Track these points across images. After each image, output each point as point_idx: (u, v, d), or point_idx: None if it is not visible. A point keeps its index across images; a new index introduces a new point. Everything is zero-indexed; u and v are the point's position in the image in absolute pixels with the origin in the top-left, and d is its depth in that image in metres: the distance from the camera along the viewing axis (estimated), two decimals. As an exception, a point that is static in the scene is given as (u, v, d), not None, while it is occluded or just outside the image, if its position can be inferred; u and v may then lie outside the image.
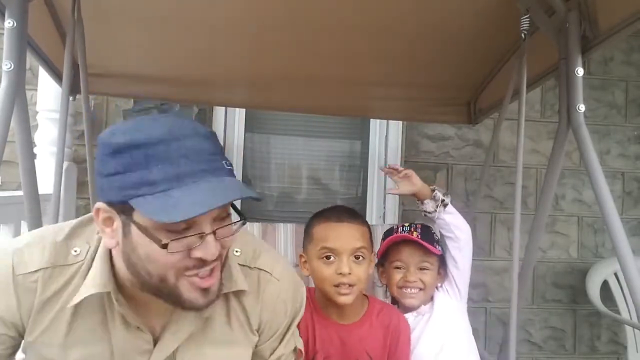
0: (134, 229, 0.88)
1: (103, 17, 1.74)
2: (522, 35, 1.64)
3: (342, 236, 1.43)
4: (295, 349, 1.20)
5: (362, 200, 3.11)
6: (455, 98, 2.42)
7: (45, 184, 2.31)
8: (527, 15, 1.59)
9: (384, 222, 2.94)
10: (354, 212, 1.51)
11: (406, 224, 1.67)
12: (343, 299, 1.41)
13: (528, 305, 3.09)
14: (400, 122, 3.01)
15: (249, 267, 1.12)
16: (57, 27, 1.80)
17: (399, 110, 2.54)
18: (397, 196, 3.00)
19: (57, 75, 1.97)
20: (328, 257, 1.43)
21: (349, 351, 1.48)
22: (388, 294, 1.73)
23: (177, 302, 0.95)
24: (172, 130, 0.87)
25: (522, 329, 3.09)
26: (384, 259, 1.67)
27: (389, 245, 1.64)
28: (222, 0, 1.67)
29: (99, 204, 0.91)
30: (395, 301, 1.70)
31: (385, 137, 3.08)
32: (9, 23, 1.32)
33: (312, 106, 2.42)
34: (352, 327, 1.48)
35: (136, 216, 0.87)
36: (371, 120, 3.09)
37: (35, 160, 1.69)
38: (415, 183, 1.66)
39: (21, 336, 1.02)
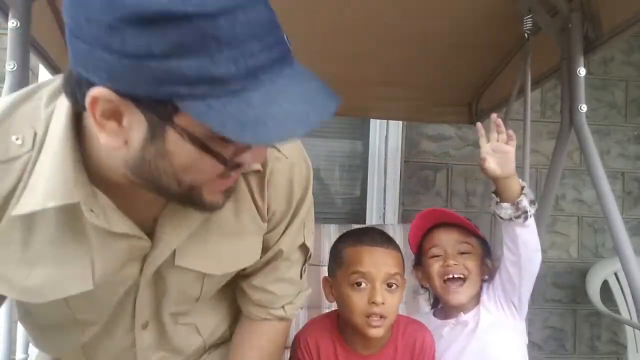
0: (172, 135, 0.65)
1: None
2: (526, 35, 1.64)
3: (377, 261, 1.28)
4: (303, 246, 1.06)
5: (362, 200, 3.11)
6: (456, 98, 2.42)
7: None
8: (530, 16, 1.60)
9: (384, 223, 2.95)
10: (388, 236, 1.37)
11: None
12: (374, 332, 1.26)
13: (528, 305, 3.09)
14: (400, 122, 3.01)
15: None
16: (60, 27, 1.80)
17: (399, 110, 2.54)
18: (398, 196, 3.01)
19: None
20: (359, 284, 1.27)
21: None
22: (430, 300, 1.57)
23: (193, 204, 0.76)
24: None
25: (522, 329, 3.09)
26: (420, 256, 1.49)
27: (422, 234, 1.46)
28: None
29: (99, 91, 0.62)
30: (436, 304, 1.54)
31: (385, 137, 3.07)
32: (12, 23, 1.32)
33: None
34: (378, 358, 1.34)
35: (181, 119, 0.63)
36: (371, 120, 3.09)
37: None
38: (507, 165, 1.27)
39: None
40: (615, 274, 2.90)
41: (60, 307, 0.86)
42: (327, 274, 1.40)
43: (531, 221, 1.30)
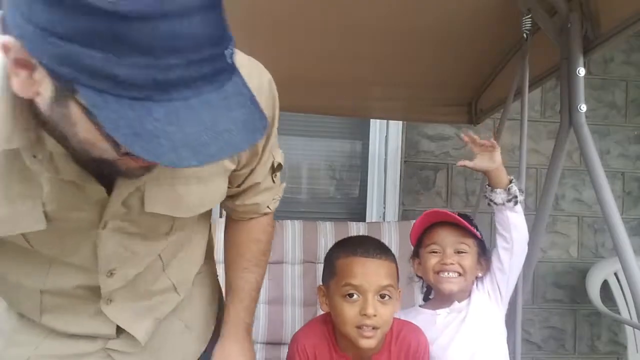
0: (74, 107, 0.61)
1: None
2: (524, 35, 1.64)
3: (369, 272, 1.28)
4: (277, 165, 1.08)
5: (362, 200, 3.11)
6: (456, 98, 2.42)
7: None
8: (529, 16, 1.60)
9: (384, 222, 2.94)
10: (382, 246, 1.37)
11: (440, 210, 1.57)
12: (365, 343, 1.27)
13: (528, 305, 3.09)
14: (400, 122, 3.01)
15: None
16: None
17: (399, 111, 2.54)
18: (398, 196, 3.01)
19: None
20: (351, 295, 1.27)
21: None
22: (423, 289, 1.65)
23: (110, 171, 0.73)
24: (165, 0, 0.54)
25: (522, 329, 3.07)
26: (418, 247, 1.57)
27: (424, 228, 1.55)
28: (224, 2, 1.67)
29: (11, 41, 0.59)
30: (429, 293, 1.62)
31: (385, 137, 3.07)
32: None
33: (312, 106, 2.42)
34: None
35: (82, 99, 0.59)
36: (371, 120, 3.09)
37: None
38: (495, 160, 1.49)
39: None
40: (615, 274, 2.90)
41: (20, 243, 0.84)
42: (321, 280, 1.41)
43: (519, 208, 1.48)
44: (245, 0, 1.66)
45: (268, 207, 1.16)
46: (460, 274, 1.48)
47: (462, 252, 1.49)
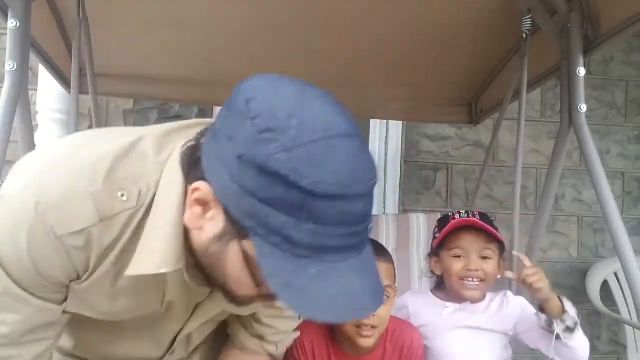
0: (234, 247, 0.73)
1: (103, 17, 1.74)
2: (524, 35, 1.64)
3: None
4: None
5: (362, 200, 3.10)
6: (456, 98, 2.42)
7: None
8: (529, 16, 1.60)
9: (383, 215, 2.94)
10: (379, 247, 1.38)
11: (463, 211, 1.56)
12: (364, 342, 1.32)
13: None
14: (400, 122, 3.01)
15: None
16: (59, 27, 1.80)
17: (399, 111, 2.54)
18: (398, 196, 3.01)
19: (59, 75, 1.97)
20: None
21: None
22: (425, 282, 1.66)
23: (230, 299, 0.85)
24: (349, 185, 0.66)
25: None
26: (440, 248, 1.55)
27: (449, 232, 1.52)
28: (223, 1, 1.67)
29: (204, 186, 0.72)
30: (439, 286, 1.61)
31: (385, 137, 3.07)
32: (12, 23, 1.31)
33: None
34: (367, 359, 1.40)
35: (247, 243, 0.70)
36: (371, 120, 3.09)
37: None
38: (540, 290, 1.39)
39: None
40: (615, 274, 2.90)
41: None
42: None
43: (580, 332, 1.39)
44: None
45: (277, 345, 1.17)
46: (482, 280, 1.49)
47: (486, 258, 1.49)
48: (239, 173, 0.66)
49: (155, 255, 0.79)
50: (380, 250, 1.36)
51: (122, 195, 0.78)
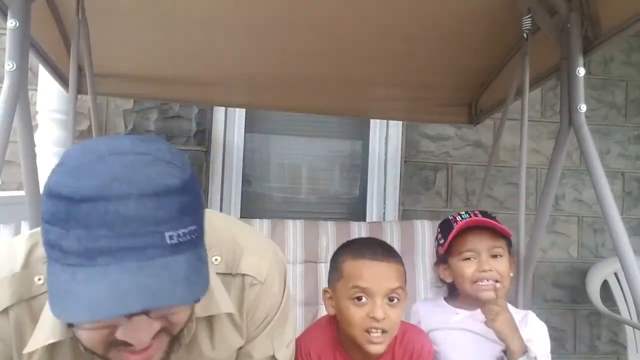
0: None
1: (103, 17, 1.74)
2: (524, 35, 1.64)
3: (378, 276, 1.26)
4: (272, 358, 1.08)
5: (362, 200, 3.11)
6: (456, 98, 2.42)
7: (46, 184, 2.31)
8: (529, 16, 1.60)
9: (384, 220, 2.93)
10: (389, 248, 1.36)
11: (463, 212, 1.51)
12: (374, 348, 1.25)
13: (528, 306, 3.09)
14: (400, 122, 3.01)
15: (232, 275, 0.99)
16: (59, 27, 1.80)
17: (399, 111, 2.54)
18: (398, 196, 3.01)
19: (58, 76, 1.97)
20: (359, 299, 1.25)
21: None
22: (432, 288, 1.62)
23: None
24: (110, 186, 0.67)
25: (522, 329, 3.09)
26: (447, 254, 1.50)
27: (454, 236, 1.46)
28: (222, 2, 1.67)
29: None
30: (452, 294, 1.56)
31: (385, 137, 3.08)
32: (11, 23, 1.31)
33: (312, 106, 2.42)
34: None
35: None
36: (371, 120, 3.09)
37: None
38: (497, 329, 1.35)
39: None
40: (615, 274, 2.90)
41: None
42: (326, 279, 1.39)
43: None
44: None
45: None
46: (497, 281, 1.43)
47: (497, 256, 1.45)
48: (42, 208, 0.71)
49: (47, 328, 0.83)
50: (388, 252, 1.33)
51: (39, 279, 0.87)
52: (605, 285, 2.92)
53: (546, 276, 3.15)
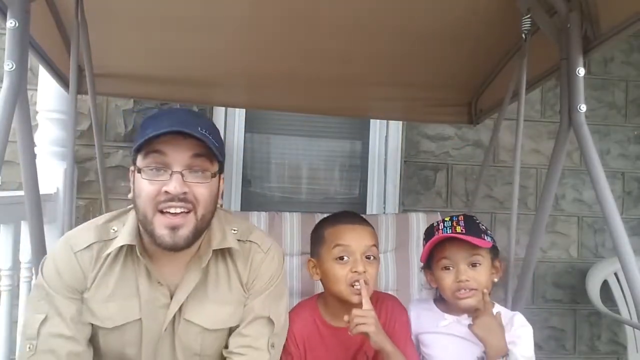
0: (135, 173, 1.23)
1: (103, 18, 1.74)
2: (523, 35, 1.64)
3: (355, 236, 1.48)
4: (269, 319, 1.35)
5: (362, 200, 3.11)
6: (456, 98, 2.42)
7: (45, 184, 2.31)
8: (529, 16, 1.59)
9: (384, 212, 2.93)
10: (362, 217, 1.58)
11: (447, 218, 1.51)
12: (357, 299, 1.42)
13: (528, 305, 3.09)
14: (400, 122, 3.02)
15: (243, 241, 1.39)
16: (58, 27, 1.80)
17: (399, 111, 2.54)
18: (398, 196, 3.01)
19: (58, 75, 1.97)
20: (342, 258, 1.46)
21: (351, 355, 1.51)
22: (424, 292, 1.67)
23: (153, 239, 1.21)
24: (172, 109, 1.06)
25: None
26: (430, 261, 1.53)
27: (432, 246, 1.49)
28: (222, 1, 1.67)
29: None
30: (440, 297, 1.57)
31: (385, 137, 3.08)
32: (11, 23, 1.31)
33: (312, 106, 2.42)
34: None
35: (137, 161, 1.22)
36: (371, 120, 3.09)
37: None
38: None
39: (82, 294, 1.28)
40: (615, 274, 2.90)
41: (119, 337, 1.30)
42: (310, 254, 1.58)
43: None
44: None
45: None
46: (475, 290, 1.45)
47: (476, 265, 1.46)
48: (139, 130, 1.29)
49: (125, 236, 1.28)
50: (361, 219, 1.56)
51: (114, 229, 1.33)
52: (605, 285, 2.93)
53: (546, 276, 3.15)
